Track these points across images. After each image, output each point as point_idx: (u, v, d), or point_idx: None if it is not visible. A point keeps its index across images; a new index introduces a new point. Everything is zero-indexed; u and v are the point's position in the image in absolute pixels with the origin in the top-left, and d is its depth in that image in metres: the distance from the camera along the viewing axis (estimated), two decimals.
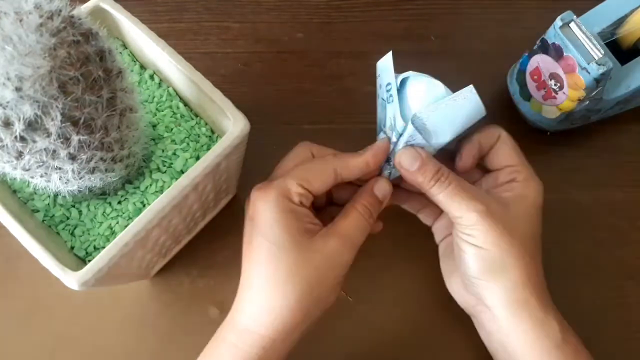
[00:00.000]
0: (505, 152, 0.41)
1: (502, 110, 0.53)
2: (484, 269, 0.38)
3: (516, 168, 0.40)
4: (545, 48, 0.46)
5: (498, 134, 0.41)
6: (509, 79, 0.53)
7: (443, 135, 0.39)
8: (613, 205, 0.50)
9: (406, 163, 0.38)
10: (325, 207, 0.43)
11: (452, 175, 0.38)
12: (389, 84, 0.40)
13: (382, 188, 0.40)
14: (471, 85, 0.37)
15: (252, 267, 0.36)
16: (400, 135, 0.39)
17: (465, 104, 0.38)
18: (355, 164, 0.39)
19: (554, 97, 0.47)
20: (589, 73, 0.43)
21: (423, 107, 0.38)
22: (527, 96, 0.50)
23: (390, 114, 0.40)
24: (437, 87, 0.39)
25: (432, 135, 0.38)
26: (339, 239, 0.37)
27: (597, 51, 0.43)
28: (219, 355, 0.37)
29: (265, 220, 0.36)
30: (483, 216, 0.37)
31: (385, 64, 0.41)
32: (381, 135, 0.42)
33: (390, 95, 0.40)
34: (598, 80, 0.43)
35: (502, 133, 0.41)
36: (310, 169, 0.38)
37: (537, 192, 0.40)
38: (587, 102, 0.46)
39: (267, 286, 0.35)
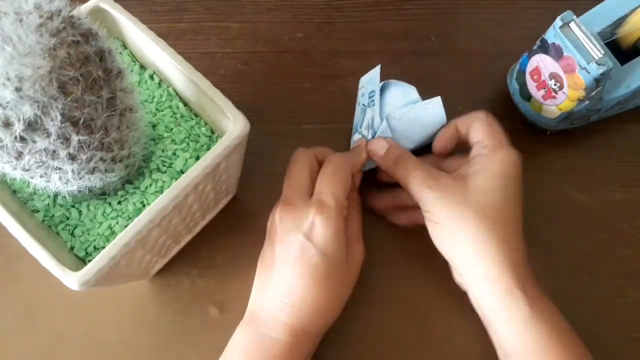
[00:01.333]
0: (477, 127, 0.42)
1: (502, 110, 0.53)
2: (443, 242, 0.40)
3: (483, 142, 0.41)
4: (545, 48, 0.46)
5: (476, 115, 0.43)
6: (509, 78, 0.53)
7: (408, 140, 0.44)
8: (613, 205, 0.50)
9: (376, 148, 0.43)
10: None
11: (413, 157, 0.42)
12: (372, 91, 0.45)
13: (358, 180, 0.45)
14: (439, 97, 0.42)
15: (307, 280, 0.38)
16: (376, 132, 0.43)
17: (430, 115, 0.43)
18: (359, 164, 0.44)
19: (554, 97, 0.47)
20: (588, 73, 0.43)
21: (396, 109, 0.44)
22: (527, 96, 0.50)
23: (369, 116, 0.45)
24: (411, 93, 0.45)
25: (400, 137, 0.43)
26: (358, 243, 0.42)
27: (597, 51, 0.43)
28: (260, 345, 0.39)
29: (327, 238, 0.38)
30: (434, 191, 0.39)
31: (370, 77, 0.46)
32: (356, 136, 0.46)
33: (372, 100, 0.45)
34: (598, 80, 0.43)
35: (480, 113, 0.43)
36: (342, 180, 0.41)
37: (503, 163, 0.40)
38: (587, 102, 0.46)
39: (323, 297, 0.39)
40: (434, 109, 0.42)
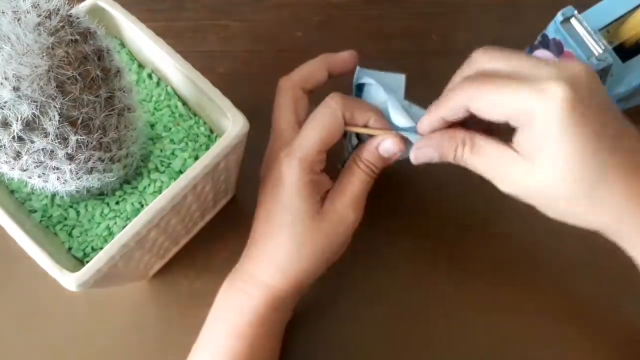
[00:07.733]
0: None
1: None
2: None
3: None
4: (546, 43, 0.46)
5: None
6: None
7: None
8: None
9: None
10: None
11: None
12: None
13: (387, 149, 0.39)
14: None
15: (270, 230, 0.38)
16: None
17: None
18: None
19: None
20: None
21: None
22: None
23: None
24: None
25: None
26: (344, 201, 0.38)
27: (597, 46, 0.42)
28: (237, 303, 0.39)
29: (288, 190, 0.37)
30: None
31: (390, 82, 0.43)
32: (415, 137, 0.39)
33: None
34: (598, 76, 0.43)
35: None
36: (325, 130, 0.38)
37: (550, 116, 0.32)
38: None
39: (283, 249, 0.38)
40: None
